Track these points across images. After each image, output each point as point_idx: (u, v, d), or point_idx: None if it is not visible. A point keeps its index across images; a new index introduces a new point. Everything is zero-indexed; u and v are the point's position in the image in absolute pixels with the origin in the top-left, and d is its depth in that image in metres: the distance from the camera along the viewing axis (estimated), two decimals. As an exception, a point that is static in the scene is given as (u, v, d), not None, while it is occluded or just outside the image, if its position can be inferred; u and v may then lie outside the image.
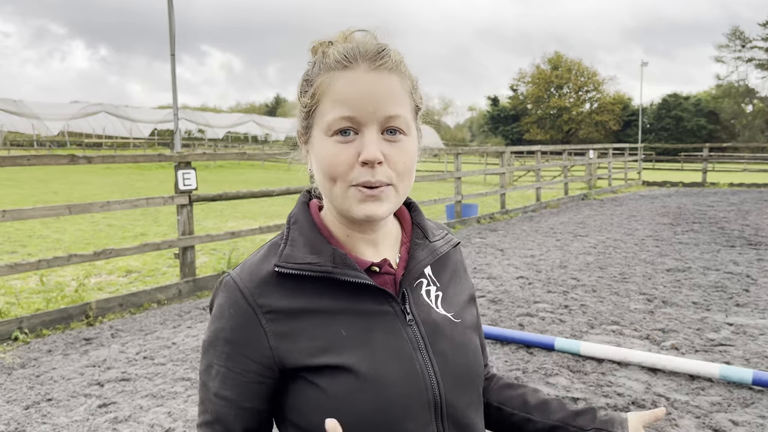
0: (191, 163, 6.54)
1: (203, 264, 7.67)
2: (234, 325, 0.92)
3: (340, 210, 0.93)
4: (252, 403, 0.94)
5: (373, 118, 0.88)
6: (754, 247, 8.76)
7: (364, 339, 0.92)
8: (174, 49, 8.48)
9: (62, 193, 17.26)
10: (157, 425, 3.40)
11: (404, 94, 0.92)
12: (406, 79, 0.94)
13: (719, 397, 3.69)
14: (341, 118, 0.88)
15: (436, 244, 1.04)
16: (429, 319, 0.98)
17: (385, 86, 0.90)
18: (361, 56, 0.90)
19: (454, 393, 0.96)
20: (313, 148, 0.94)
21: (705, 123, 57.79)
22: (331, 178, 0.90)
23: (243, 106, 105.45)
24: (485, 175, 24.26)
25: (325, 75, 0.91)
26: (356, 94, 0.88)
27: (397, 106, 0.90)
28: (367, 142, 0.88)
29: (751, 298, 5.94)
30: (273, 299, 0.93)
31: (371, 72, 0.89)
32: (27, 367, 4.34)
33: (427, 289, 1.02)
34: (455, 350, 0.98)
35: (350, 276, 0.92)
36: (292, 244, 0.96)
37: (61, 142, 43.88)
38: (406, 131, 0.92)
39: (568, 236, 10.15)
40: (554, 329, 5.08)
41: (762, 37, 56.90)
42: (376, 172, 0.88)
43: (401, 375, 0.91)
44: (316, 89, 0.92)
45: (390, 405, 0.90)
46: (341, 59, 0.90)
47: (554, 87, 67.08)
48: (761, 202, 15.39)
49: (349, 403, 0.89)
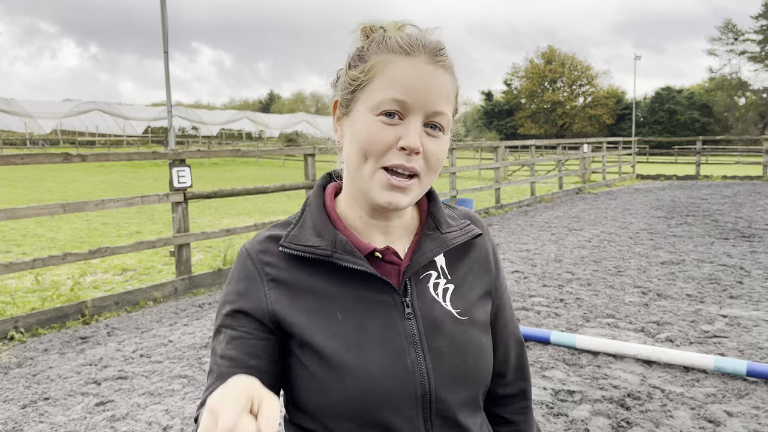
0: (186, 161, 6.52)
1: (199, 261, 7.66)
2: (240, 288, 0.96)
3: (363, 189, 0.94)
4: (257, 362, 0.94)
5: (421, 108, 0.90)
6: (748, 240, 8.81)
7: (358, 327, 0.93)
8: (167, 47, 8.44)
9: (56, 192, 17.19)
10: (155, 423, 3.40)
11: (452, 95, 0.95)
12: (455, 81, 0.96)
13: (714, 388, 3.72)
14: (393, 100, 0.89)
15: (448, 235, 1.02)
16: (430, 314, 0.97)
17: (440, 82, 0.92)
18: (424, 47, 0.92)
19: (447, 391, 0.95)
20: (353, 122, 0.94)
21: (698, 116, 57.94)
22: (364, 155, 0.91)
23: (236, 103, 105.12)
24: (480, 170, 24.28)
25: (384, 55, 0.92)
26: (413, 81, 0.89)
27: (444, 103, 0.92)
28: (412, 130, 0.89)
29: (745, 290, 5.98)
30: (278, 270, 0.96)
31: (430, 65, 0.91)
32: (23, 366, 4.33)
33: (435, 282, 1.01)
34: (454, 349, 0.97)
35: (349, 262, 0.93)
36: (301, 225, 0.98)
37: (54, 141, 43.66)
38: (444, 130, 0.94)
39: (562, 230, 10.18)
40: (550, 323, 5.11)
41: (754, 30, 57.04)
42: (411, 159, 0.90)
43: (388, 368, 0.92)
44: (372, 66, 0.92)
45: (372, 396, 0.90)
46: (404, 44, 0.91)
47: (548, 81, 67.09)
48: (754, 194, 15.46)
49: (332, 388, 0.91)
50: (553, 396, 3.67)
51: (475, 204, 12.97)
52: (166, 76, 8.43)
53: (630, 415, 3.39)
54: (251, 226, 7.26)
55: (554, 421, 3.36)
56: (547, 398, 3.64)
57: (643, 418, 3.36)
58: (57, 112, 36.86)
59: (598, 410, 3.47)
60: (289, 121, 47.78)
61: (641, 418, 3.35)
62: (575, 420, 3.35)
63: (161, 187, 17.36)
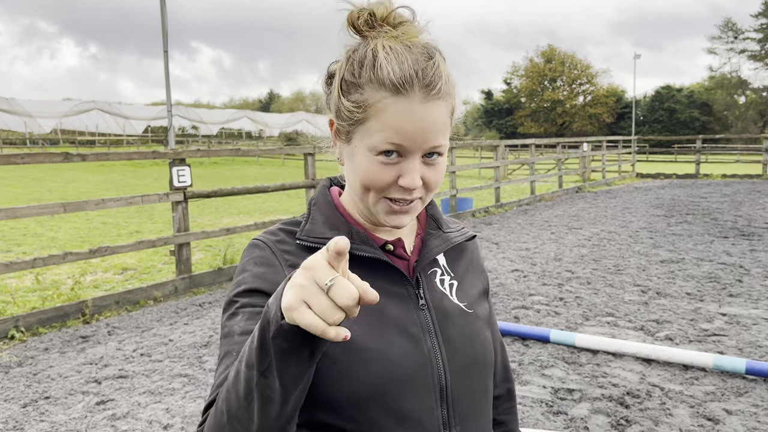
0: (186, 160, 6.53)
1: (199, 261, 7.67)
2: (258, 272, 0.95)
3: (367, 214, 0.98)
4: None
5: (419, 147, 0.90)
6: (747, 238, 8.82)
7: (376, 314, 0.94)
8: (167, 46, 8.45)
9: (56, 191, 17.19)
10: (156, 421, 3.41)
11: (448, 120, 0.94)
12: (451, 98, 0.94)
13: (713, 386, 3.73)
14: (389, 143, 0.89)
15: (449, 234, 1.07)
16: (441, 305, 1.00)
17: (435, 118, 0.90)
18: (417, 82, 0.88)
19: (460, 380, 0.97)
20: (352, 155, 0.95)
21: (698, 115, 57.92)
22: (365, 188, 0.94)
23: (236, 102, 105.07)
24: (480, 169, 24.29)
25: (377, 93, 0.89)
26: (408, 127, 0.88)
27: (442, 137, 0.92)
28: (411, 170, 0.91)
29: (744, 289, 5.98)
30: (296, 258, 0.96)
31: (425, 103, 0.89)
32: (24, 365, 4.34)
33: (441, 278, 1.05)
34: (464, 339, 1.00)
35: (367, 251, 0.96)
36: (312, 222, 1.00)
37: (54, 140, 43.66)
38: (443, 153, 0.95)
39: (562, 229, 10.19)
40: (549, 321, 5.11)
41: (754, 29, 57.02)
42: (412, 193, 0.93)
43: (408, 354, 0.93)
44: (366, 104, 0.90)
45: (395, 380, 0.91)
46: (397, 81, 0.88)
47: (548, 80, 67.06)
48: (754, 193, 15.47)
49: (354, 373, 0.90)
50: (553, 394, 3.68)
51: (474, 203, 12.97)
52: (165, 76, 8.44)
53: (629, 413, 3.39)
54: (251, 225, 7.26)
55: (554, 419, 3.37)
56: (547, 396, 3.65)
57: (642, 416, 3.37)
58: (57, 112, 36.86)
59: (598, 408, 3.47)
60: (289, 121, 47.77)
61: (640, 416, 3.36)
62: (575, 418, 3.36)
63: (161, 186, 17.36)
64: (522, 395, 3.67)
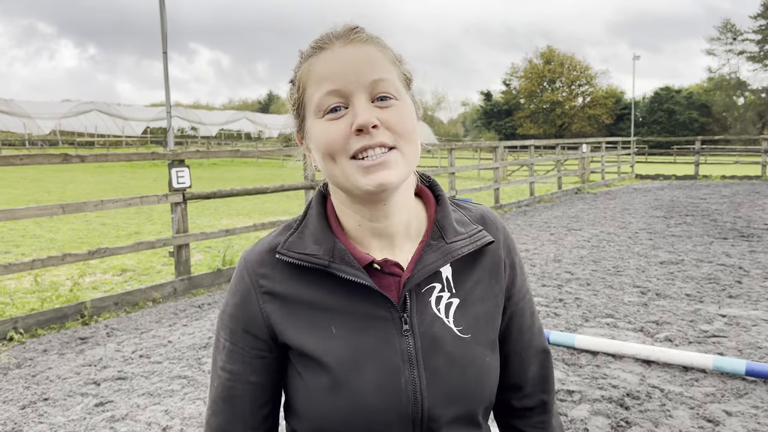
0: (185, 161, 6.52)
1: (198, 262, 7.66)
2: (237, 301, 0.96)
3: (347, 188, 0.89)
4: (258, 378, 0.95)
5: (358, 86, 0.86)
6: (747, 239, 8.82)
7: (352, 343, 0.90)
8: (166, 47, 8.44)
9: (55, 193, 17.18)
10: (155, 423, 3.40)
11: (386, 61, 0.91)
12: (387, 49, 0.92)
13: (713, 388, 3.73)
14: (327, 93, 0.87)
15: (453, 245, 0.95)
16: (429, 331, 0.92)
17: (363, 54, 0.89)
18: (334, 36, 0.90)
19: (442, 409, 0.91)
20: (311, 137, 0.92)
21: (697, 116, 57.97)
22: (330, 157, 0.88)
23: (235, 103, 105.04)
24: (479, 170, 24.30)
25: (305, 64, 0.92)
26: (336, 68, 0.87)
27: (379, 70, 0.88)
28: (358, 110, 0.86)
29: (744, 290, 5.98)
30: (273, 282, 0.94)
31: (346, 46, 0.89)
32: (23, 367, 4.33)
33: (438, 295, 0.95)
34: (452, 367, 0.92)
35: (347, 273, 0.90)
36: (301, 231, 0.96)
37: (53, 141, 43.62)
38: (396, 96, 0.89)
39: (561, 230, 10.19)
40: (549, 323, 5.11)
41: (753, 30, 57.08)
42: (372, 135, 0.86)
43: (380, 387, 0.89)
44: (299, 80, 0.93)
45: (363, 414, 0.89)
46: (315, 44, 0.91)
47: (547, 81, 67.09)
48: (753, 194, 15.48)
49: (324, 402, 0.90)
50: (553, 396, 3.67)
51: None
52: (165, 77, 8.43)
53: (629, 415, 3.39)
54: (250, 227, 7.26)
55: (553, 420, 3.36)
56: (547, 398, 3.64)
57: (642, 417, 3.36)
58: (56, 113, 36.86)
59: (598, 410, 3.47)
60: (288, 122, 47.22)
61: (640, 418, 3.35)
62: (574, 420, 3.36)
63: (160, 187, 17.35)
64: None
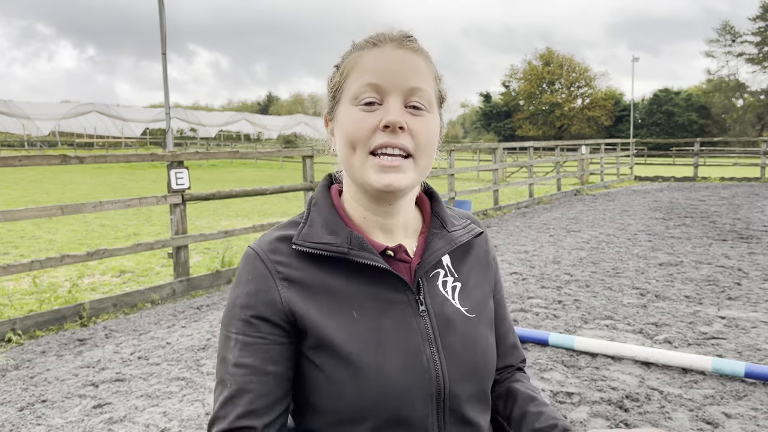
0: (184, 162, 6.52)
1: (197, 263, 7.65)
2: (250, 290, 0.94)
3: (358, 181, 0.94)
4: (275, 367, 0.93)
5: (397, 88, 0.90)
6: (746, 241, 8.82)
7: (374, 326, 0.92)
8: (165, 48, 8.44)
9: (54, 194, 17.16)
10: (153, 425, 3.39)
11: (429, 74, 0.95)
12: (432, 65, 0.97)
13: (712, 390, 3.72)
14: (367, 85, 0.91)
15: (454, 234, 1.03)
16: (442, 311, 0.98)
17: (410, 61, 0.93)
18: (390, 37, 0.94)
19: (459, 387, 0.96)
20: (339, 122, 0.96)
21: (696, 118, 58.02)
22: (351, 145, 0.92)
23: (234, 105, 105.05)
24: (478, 172, 24.30)
25: (354, 53, 0.95)
26: (382, 65, 0.91)
27: (420, 80, 0.92)
28: (391, 108, 0.90)
29: (743, 292, 5.98)
30: (290, 269, 0.94)
31: (398, 49, 0.93)
32: (21, 368, 4.32)
33: (444, 280, 1.01)
34: (465, 345, 0.98)
35: (366, 258, 0.93)
36: (311, 224, 0.97)
37: (52, 142, 43.60)
38: (428, 109, 0.94)
39: (561, 232, 10.19)
40: (548, 324, 5.10)
41: (752, 32, 57.16)
42: (397, 135, 0.89)
43: (404, 367, 0.92)
44: (345, 66, 0.96)
45: (390, 395, 0.90)
46: (370, 39, 0.95)
47: (546, 83, 67.15)
48: (752, 195, 15.49)
49: (348, 388, 0.90)
50: (552, 398, 3.67)
51: (473, 205, 12.97)
52: (164, 78, 8.43)
53: (628, 417, 3.38)
54: (249, 228, 7.25)
55: (553, 422, 3.36)
56: (546, 400, 3.63)
57: (641, 419, 3.36)
58: (55, 114, 36.81)
59: (597, 412, 3.46)
60: (288, 123, 47.77)
61: (640, 420, 3.35)
62: (573, 422, 3.35)
63: (159, 188, 17.34)
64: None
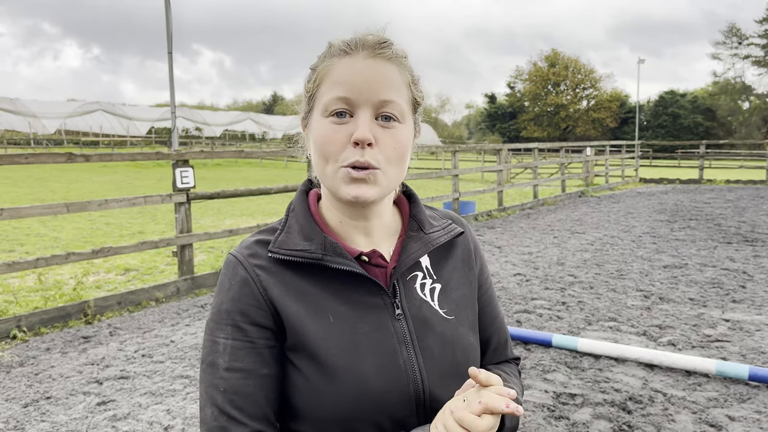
0: (189, 161, 6.54)
1: (201, 262, 7.67)
2: (234, 294, 0.94)
3: (331, 190, 0.95)
4: (269, 370, 0.93)
5: (367, 100, 0.90)
6: (751, 244, 8.79)
7: (350, 330, 0.93)
8: (171, 48, 8.46)
9: (59, 192, 17.22)
10: (156, 423, 3.41)
11: (401, 84, 0.94)
12: (406, 71, 0.96)
13: (716, 392, 3.71)
14: (337, 98, 0.90)
15: (432, 235, 1.02)
16: (419, 314, 0.98)
17: (381, 72, 0.92)
18: (363, 45, 0.93)
19: (440, 388, 0.95)
20: (311, 130, 0.96)
21: (702, 120, 57.82)
22: (324, 158, 0.92)
23: (239, 104, 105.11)
24: (483, 173, 24.29)
25: (327, 61, 0.94)
26: (353, 77, 0.91)
27: (392, 92, 0.92)
28: (360, 123, 0.89)
29: (748, 295, 5.96)
30: (269, 273, 0.95)
31: (370, 59, 0.92)
32: (25, 365, 4.34)
33: (422, 282, 1.01)
34: (444, 346, 0.98)
35: (340, 264, 0.93)
36: (288, 231, 0.98)
37: (58, 141, 43.77)
38: (400, 119, 0.93)
39: (565, 233, 10.17)
40: (552, 326, 5.10)
41: (758, 34, 56.96)
42: (365, 152, 0.89)
43: (380, 369, 0.92)
44: (318, 74, 0.95)
45: (367, 398, 0.91)
46: (343, 47, 0.93)
47: (551, 84, 67.02)
48: (757, 198, 15.43)
49: (325, 391, 0.91)
50: (555, 399, 3.67)
51: (477, 206, 12.96)
52: (170, 77, 8.45)
53: (631, 419, 3.38)
54: (254, 227, 7.26)
55: (555, 424, 3.36)
56: (549, 401, 3.63)
57: (644, 421, 3.35)
58: (61, 112, 36.95)
59: (600, 414, 3.46)
60: (292, 123, 47.73)
61: (643, 422, 3.34)
62: (576, 423, 3.35)
63: (164, 187, 17.38)
64: (524, 400, 3.65)
